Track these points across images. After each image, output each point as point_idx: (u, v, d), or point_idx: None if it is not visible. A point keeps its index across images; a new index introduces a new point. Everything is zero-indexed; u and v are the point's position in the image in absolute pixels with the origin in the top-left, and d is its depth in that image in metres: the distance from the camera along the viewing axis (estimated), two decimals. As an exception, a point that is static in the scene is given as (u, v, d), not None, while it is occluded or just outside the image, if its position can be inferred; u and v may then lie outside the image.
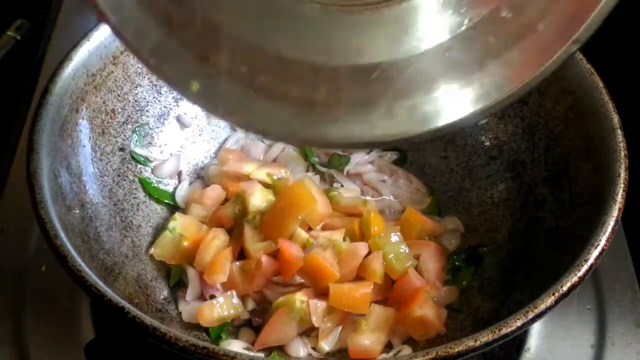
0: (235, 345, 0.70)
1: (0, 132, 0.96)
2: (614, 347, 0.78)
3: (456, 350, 0.56)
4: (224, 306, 0.72)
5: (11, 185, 0.90)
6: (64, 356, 0.77)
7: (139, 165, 0.81)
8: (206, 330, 0.73)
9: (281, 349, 0.72)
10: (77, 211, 0.69)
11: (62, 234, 0.61)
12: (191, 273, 0.76)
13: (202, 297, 0.75)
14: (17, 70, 1.04)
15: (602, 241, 0.62)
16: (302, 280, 0.73)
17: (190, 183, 0.85)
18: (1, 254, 0.84)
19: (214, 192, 0.81)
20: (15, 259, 0.83)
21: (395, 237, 0.74)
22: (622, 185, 0.65)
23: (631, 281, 0.82)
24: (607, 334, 0.78)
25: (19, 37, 1.06)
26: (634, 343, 0.78)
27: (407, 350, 0.70)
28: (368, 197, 0.83)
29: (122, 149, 0.79)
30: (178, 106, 0.86)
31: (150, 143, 0.83)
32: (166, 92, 0.84)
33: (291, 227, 0.74)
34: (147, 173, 0.82)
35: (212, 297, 0.73)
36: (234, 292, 0.73)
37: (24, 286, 0.81)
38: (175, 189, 0.84)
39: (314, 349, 0.72)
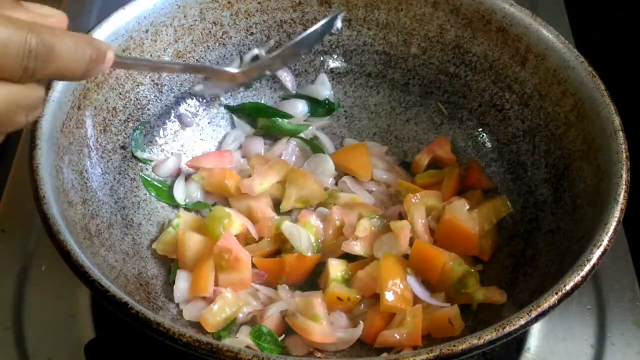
0: (240, 337, 0.71)
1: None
2: (614, 347, 0.78)
3: (460, 348, 0.56)
4: (224, 308, 0.72)
5: (12, 185, 0.90)
6: (64, 356, 0.76)
7: (140, 164, 0.81)
8: (207, 328, 0.73)
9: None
10: (79, 208, 0.69)
11: (65, 230, 0.61)
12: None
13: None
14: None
15: (605, 241, 0.62)
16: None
17: (186, 179, 0.84)
18: (2, 253, 0.84)
19: None
20: (15, 259, 0.83)
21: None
22: (624, 187, 0.66)
23: (631, 281, 0.83)
24: (607, 334, 0.79)
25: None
26: (634, 343, 0.78)
27: (409, 349, 0.70)
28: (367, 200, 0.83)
29: (123, 147, 0.79)
30: (179, 105, 0.86)
31: (151, 142, 0.83)
32: (167, 91, 0.84)
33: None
34: (147, 171, 0.82)
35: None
36: (229, 289, 0.73)
37: (24, 286, 0.81)
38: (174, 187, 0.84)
39: (315, 349, 0.72)
